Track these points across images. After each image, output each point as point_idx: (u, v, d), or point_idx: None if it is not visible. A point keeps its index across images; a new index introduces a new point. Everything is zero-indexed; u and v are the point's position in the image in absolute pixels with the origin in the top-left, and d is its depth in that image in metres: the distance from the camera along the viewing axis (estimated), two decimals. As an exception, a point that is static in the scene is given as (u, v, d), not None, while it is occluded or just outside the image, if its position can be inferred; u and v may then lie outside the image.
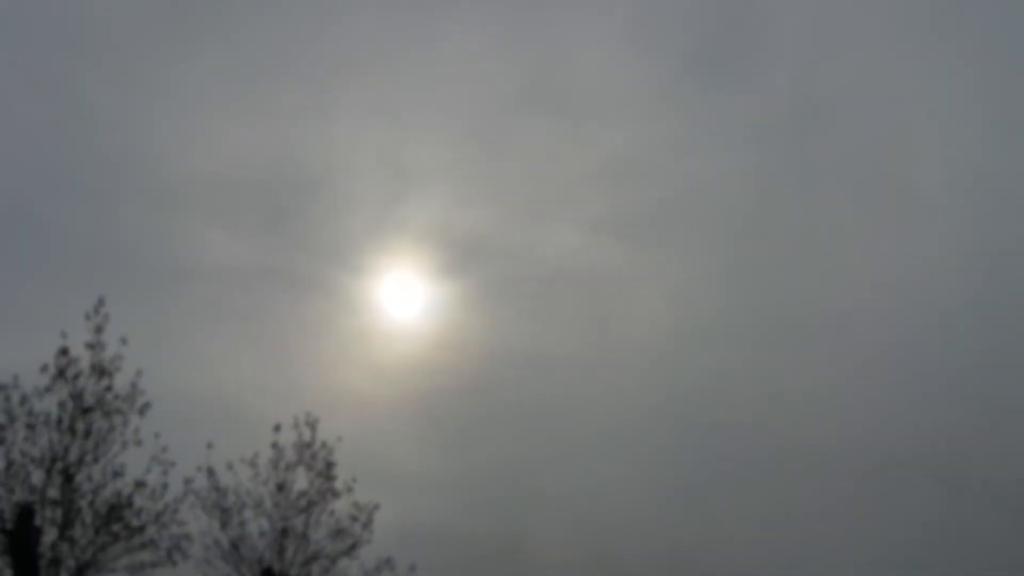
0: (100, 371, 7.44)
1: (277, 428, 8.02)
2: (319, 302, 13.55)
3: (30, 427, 7.20)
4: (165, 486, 7.44)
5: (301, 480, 7.96)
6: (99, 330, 7.47)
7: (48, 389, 7.25)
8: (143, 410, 7.48)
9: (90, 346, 7.44)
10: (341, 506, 8.01)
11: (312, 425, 8.08)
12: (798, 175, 15.65)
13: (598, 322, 13.71)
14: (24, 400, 7.22)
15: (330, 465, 8.01)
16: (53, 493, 7.22)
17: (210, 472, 7.80)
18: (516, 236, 14.10)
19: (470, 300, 13.71)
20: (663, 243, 14.21)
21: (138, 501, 7.40)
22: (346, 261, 13.81)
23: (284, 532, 7.94)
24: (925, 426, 12.71)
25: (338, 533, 8.00)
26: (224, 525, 7.85)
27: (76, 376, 7.32)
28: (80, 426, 7.29)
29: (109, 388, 7.39)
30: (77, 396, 7.30)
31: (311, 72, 15.12)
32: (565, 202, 14.16)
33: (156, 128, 14.69)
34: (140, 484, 7.37)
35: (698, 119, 16.32)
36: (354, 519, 8.05)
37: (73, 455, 7.23)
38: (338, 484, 7.99)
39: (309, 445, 8.02)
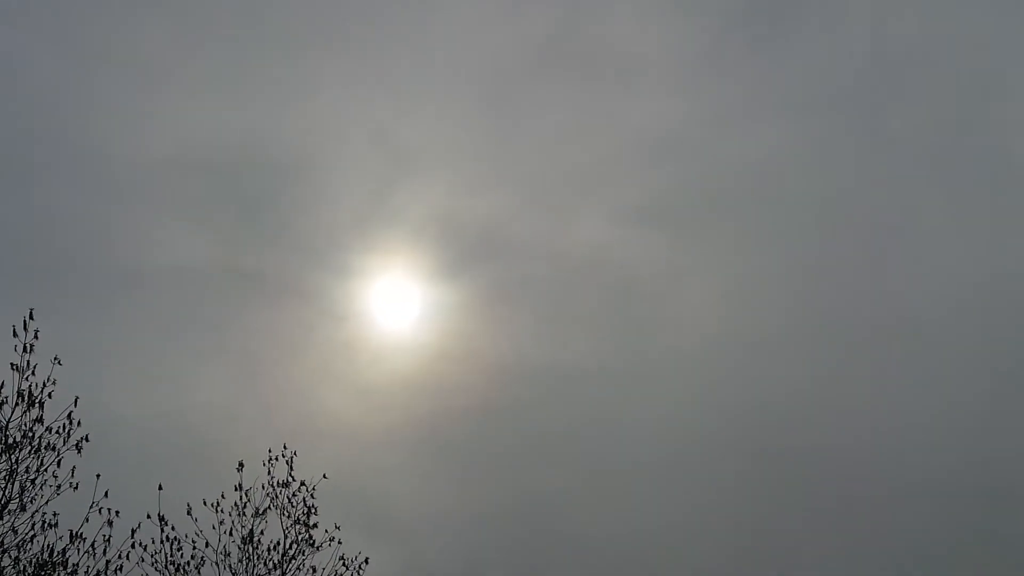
0: (28, 399, 6.17)
1: (241, 466, 6.77)
2: (297, 310, 12.07)
3: (-60, 468, 6.15)
4: (107, 539, 6.17)
5: (274, 529, 6.67)
6: (28, 349, 6.17)
7: (-36, 422, 6.18)
8: (80, 446, 6.22)
9: (16, 368, 6.14)
10: (324, 560, 6.71)
11: (289, 461, 6.80)
12: (870, 151, 13.74)
13: (635, 330, 12.14)
14: (-69, 436, 6.24)
15: (310, 510, 6.74)
16: (-31, 549, 6.09)
17: (162, 520, 6.53)
18: (534, 228, 12.51)
19: (479, 306, 12.27)
20: (712, 235, 12.45)
21: (74, 557, 6.21)
22: (329, 261, 12.33)
23: (254, 594, 6.71)
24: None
25: (321, 594, 6.86)
26: (179, 586, 6.60)
27: (-1, 405, 6.17)
28: (3, 466, 6.08)
29: (39, 420, 6.16)
30: (0, 429, 6.13)
31: (286, 36, 13.28)
32: (593, 186, 12.46)
33: (100, 103, 13.00)
34: (76, 537, 6.14)
35: (751, 85, 14.10)
36: (340, 577, 6.94)
37: (-6, 502, 6.22)
38: (319, 534, 6.70)
39: (285, 486, 6.73)
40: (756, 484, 11.59)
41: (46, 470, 6.35)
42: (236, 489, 6.70)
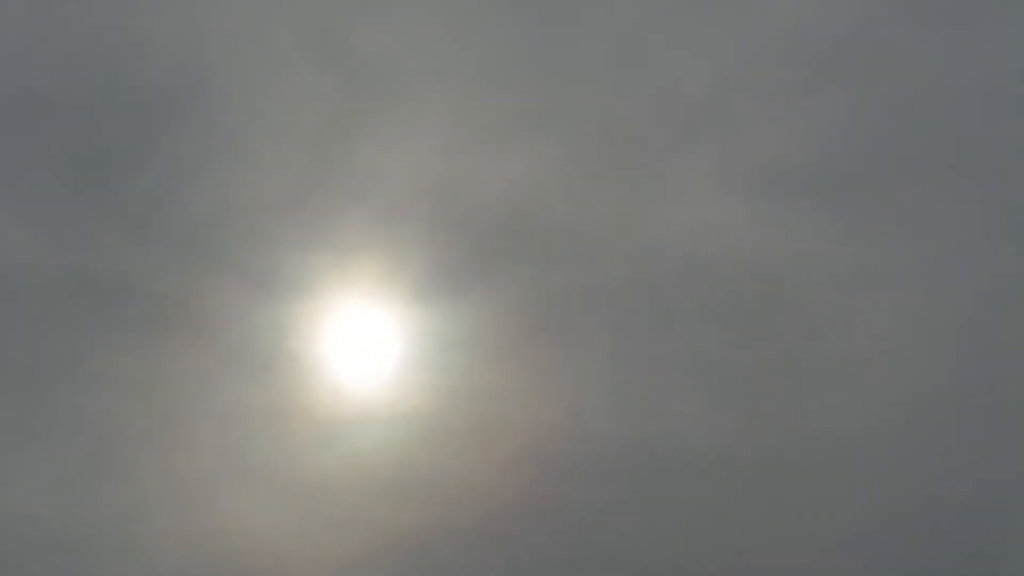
0: None
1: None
2: (184, 351, 6.81)
3: None
4: None
5: None
6: None
7: None
8: None
9: None
10: None
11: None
12: None
13: (784, 385, 6.88)
14: None
15: None
16: None
17: None
18: (600, 206, 7.12)
19: (505, 344, 6.95)
20: (927, 214, 6.95)
21: None
22: (241, 265, 6.95)
23: None
24: None
25: None
26: None
27: None
28: None
29: None
30: None
31: None
32: (704, 130, 7.06)
33: None
34: None
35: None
36: None
37: None
38: None
39: None
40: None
41: None
42: None
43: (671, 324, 7.09)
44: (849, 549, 6.95)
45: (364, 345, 7.21)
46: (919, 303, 7.18)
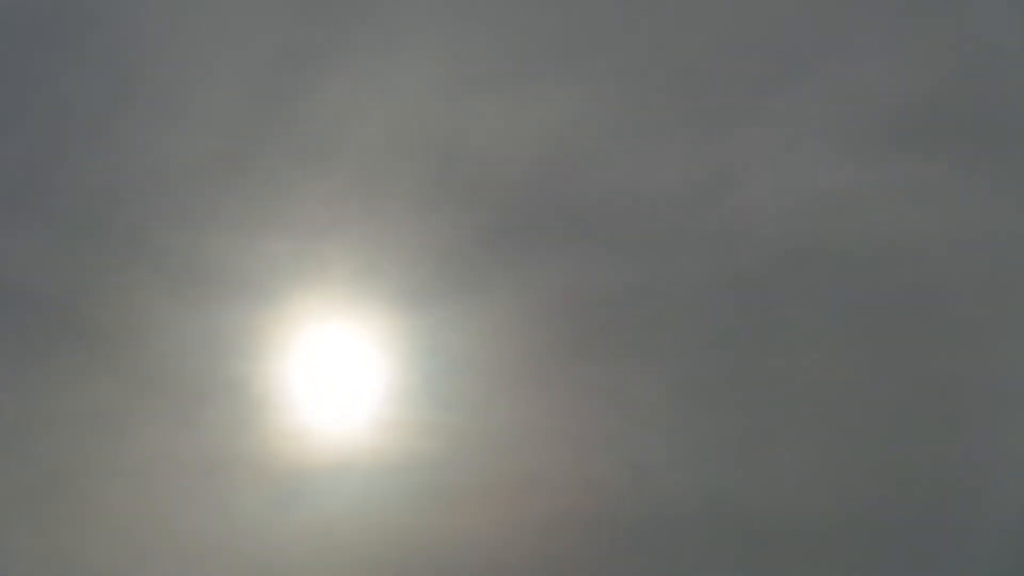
0: None
1: None
2: (86, 379, 5.15)
3: None
4: None
5: None
6: None
7: None
8: None
9: None
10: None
11: None
12: None
13: (928, 414, 5.15)
14: None
15: None
16: None
17: None
18: (665, 169, 5.41)
19: (531, 361, 5.20)
20: None
21: None
22: (163, 258, 5.30)
23: None
24: None
25: None
26: None
27: None
28: None
29: None
30: None
31: None
32: (809, 64, 5.35)
33: None
34: None
35: None
36: None
37: None
38: None
39: None
40: None
41: None
42: None
43: (767, 336, 5.20)
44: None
45: (335, 368, 5.35)
46: None
